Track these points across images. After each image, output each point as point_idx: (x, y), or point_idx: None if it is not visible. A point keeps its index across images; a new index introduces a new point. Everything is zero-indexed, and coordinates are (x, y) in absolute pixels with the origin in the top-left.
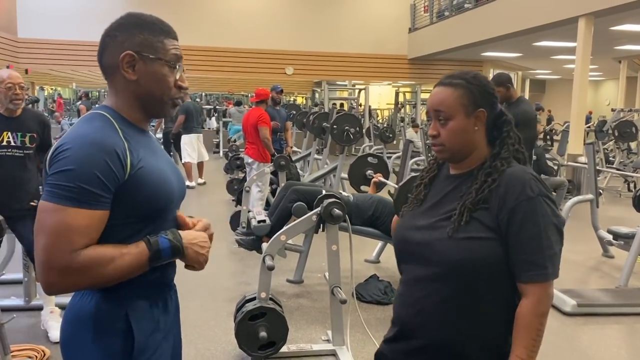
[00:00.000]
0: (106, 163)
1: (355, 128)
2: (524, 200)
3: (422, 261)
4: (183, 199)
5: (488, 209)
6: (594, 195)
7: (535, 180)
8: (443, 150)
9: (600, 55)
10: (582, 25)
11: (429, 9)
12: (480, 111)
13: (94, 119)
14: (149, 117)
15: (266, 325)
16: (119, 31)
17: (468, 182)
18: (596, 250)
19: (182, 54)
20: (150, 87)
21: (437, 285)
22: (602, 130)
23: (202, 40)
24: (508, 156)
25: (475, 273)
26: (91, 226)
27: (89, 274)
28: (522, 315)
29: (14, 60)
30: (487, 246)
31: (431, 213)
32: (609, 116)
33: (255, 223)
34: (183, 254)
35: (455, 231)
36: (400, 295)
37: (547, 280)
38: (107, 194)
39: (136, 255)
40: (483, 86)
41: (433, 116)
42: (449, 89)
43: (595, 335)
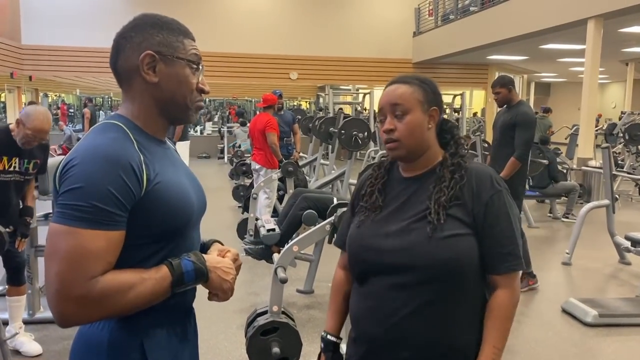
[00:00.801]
0: (121, 178)
1: (364, 133)
2: (494, 194)
3: (396, 269)
4: (204, 214)
5: (461, 205)
6: (610, 201)
7: (497, 174)
8: (399, 146)
9: (607, 58)
10: (592, 27)
11: (434, 12)
12: (434, 109)
13: (106, 129)
14: (171, 124)
15: (279, 340)
16: (134, 32)
17: (431, 181)
18: (612, 257)
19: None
20: (172, 90)
21: (416, 292)
22: (612, 133)
23: (205, 46)
24: (465, 154)
25: (459, 271)
26: (108, 249)
27: (108, 303)
28: (499, 306)
29: (18, 67)
30: (468, 242)
31: (398, 217)
32: (615, 119)
33: (264, 232)
34: (207, 278)
35: (435, 230)
36: (366, 310)
37: (520, 269)
38: (123, 212)
39: (158, 281)
40: (435, 88)
41: (389, 111)
42: (405, 86)
43: (620, 347)
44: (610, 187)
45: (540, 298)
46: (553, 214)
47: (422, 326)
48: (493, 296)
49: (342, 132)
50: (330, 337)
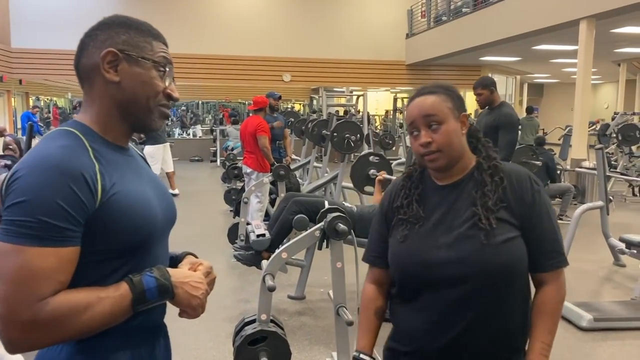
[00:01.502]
0: (71, 190)
1: (356, 135)
2: (535, 193)
3: (452, 281)
4: (173, 226)
5: (507, 207)
6: (604, 202)
7: (532, 173)
8: (439, 157)
9: (600, 58)
10: (584, 28)
11: (427, 14)
12: (463, 115)
13: (58, 136)
14: (132, 130)
15: (267, 350)
16: (100, 30)
17: (470, 187)
18: (606, 258)
19: (173, 62)
20: (134, 91)
21: (473, 302)
22: (605, 134)
23: (198, 48)
24: (497, 157)
25: (515, 275)
26: (60, 268)
27: (60, 327)
28: (546, 302)
29: (8, 71)
30: (520, 245)
31: (445, 228)
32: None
33: (254, 237)
34: (172, 294)
35: (488, 237)
36: (422, 325)
37: (565, 265)
38: (76, 227)
39: (117, 300)
40: (458, 93)
41: (422, 124)
42: (433, 96)
43: (616, 352)
44: (604, 188)
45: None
46: None
47: (481, 336)
48: (540, 293)
49: (334, 134)
50: (363, 355)
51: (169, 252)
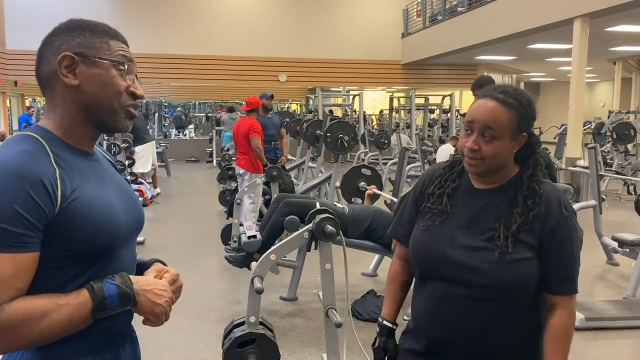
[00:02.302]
0: (28, 195)
1: (350, 136)
2: (562, 219)
3: (459, 281)
4: (139, 232)
5: (530, 230)
6: (597, 201)
7: (565, 198)
8: (480, 165)
9: (595, 57)
10: (578, 27)
11: (422, 13)
12: (523, 135)
13: (18, 141)
14: (98, 132)
15: (256, 352)
16: (55, 36)
17: (502, 199)
18: (600, 258)
19: (169, 62)
20: (95, 93)
21: (479, 306)
22: (600, 132)
23: (194, 49)
24: (542, 178)
25: (523, 293)
26: (16, 274)
27: (15, 334)
28: (559, 327)
29: (3, 73)
30: (532, 266)
31: (467, 231)
32: (604, 118)
33: (245, 239)
34: (135, 302)
35: (502, 255)
36: (425, 309)
37: (576, 292)
38: (33, 233)
39: (77, 307)
40: (533, 112)
41: (477, 129)
42: (504, 109)
43: (607, 351)
44: (597, 187)
45: None
46: None
47: (478, 339)
48: (552, 316)
49: (327, 135)
50: (386, 322)
51: (137, 258)
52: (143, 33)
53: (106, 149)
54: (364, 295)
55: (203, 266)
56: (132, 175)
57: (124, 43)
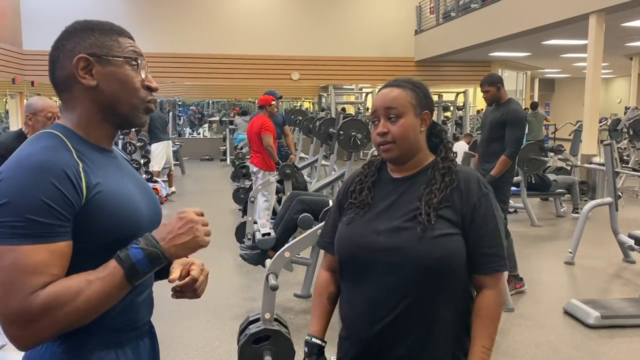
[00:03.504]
0: (54, 186)
1: (363, 133)
2: (482, 196)
3: (388, 268)
4: (159, 224)
5: (450, 207)
6: (612, 199)
7: (483, 178)
8: (392, 148)
9: (611, 53)
10: (593, 22)
11: (435, 10)
12: (425, 113)
13: (41, 138)
14: (116, 130)
15: (271, 348)
16: (65, 40)
17: (420, 182)
18: (616, 255)
19: (183, 62)
20: (114, 90)
21: (408, 291)
22: (617, 129)
23: (207, 48)
24: (454, 158)
25: (450, 269)
26: (51, 262)
27: (55, 316)
28: (486, 307)
29: (20, 73)
30: (457, 241)
31: (388, 216)
32: (620, 114)
33: (259, 236)
34: (166, 257)
35: (425, 230)
36: (360, 310)
37: (504, 270)
38: (64, 222)
39: (107, 278)
40: (427, 91)
41: (382, 115)
42: (399, 89)
43: (623, 349)
44: (612, 184)
45: (541, 299)
46: (557, 212)
47: (413, 325)
48: (479, 296)
49: (340, 132)
50: (315, 340)
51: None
52: (157, 32)
53: (122, 148)
54: None
55: (218, 263)
56: (147, 174)
57: (131, 38)
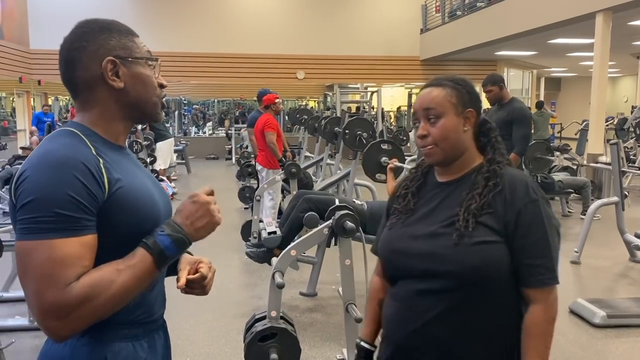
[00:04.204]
0: (78, 181)
1: (368, 132)
2: (529, 202)
3: (423, 273)
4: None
5: (493, 213)
6: (619, 198)
7: (534, 183)
8: (434, 151)
9: (618, 51)
10: (600, 21)
11: (441, 9)
12: (469, 111)
13: (60, 135)
14: (135, 124)
15: (277, 346)
16: (85, 41)
17: (464, 187)
18: (623, 255)
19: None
20: (139, 91)
21: (442, 297)
22: (623, 128)
23: (212, 47)
24: (503, 160)
25: (487, 279)
26: (83, 254)
27: (91, 305)
28: (534, 323)
29: (27, 72)
30: (497, 249)
31: (428, 221)
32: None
33: (265, 235)
34: (190, 242)
35: (462, 237)
36: (394, 312)
37: (554, 284)
38: (90, 216)
39: (137, 265)
40: (471, 88)
41: (422, 116)
42: (438, 89)
43: (629, 349)
44: (619, 183)
45: None
46: (563, 212)
47: (446, 333)
48: (527, 312)
49: (346, 131)
50: (363, 343)
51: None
52: (163, 31)
53: (128, 146)
54: None
55: (224, 262)
56: (153, 173)
57: (138, 36)
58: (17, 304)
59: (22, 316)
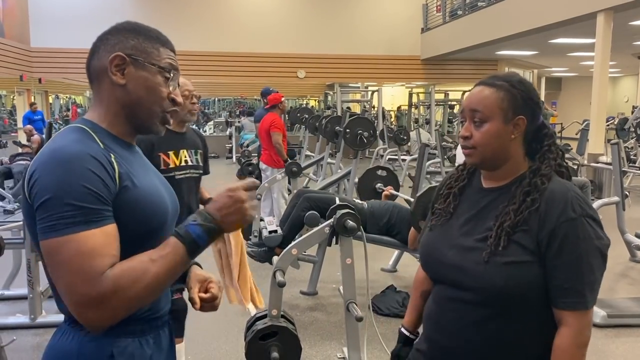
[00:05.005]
0: (91, 172)
1: (369, 132)
2: (564, 221)
3: (454, 283)
4: (177, 217)
5: (527, 231)
6: (620, 198)
7: (579, 198)
8: (473, 153)
9: (619, 51)
10: (601, 21)
11: (442, 8)
12: (520, 118)
13: (69, 132)
14: (135, 132)
15: (278, 345)
16: (111, 34)
17: (504, 198)
18: (623, 255)
19: (189, 59)
20: (138, 94)
21: (470, 309)
22: (624, 128)
23: (213, 45)
24: (549, 172)
25: (515, 298)
26: (109, 243)
27: (127, 295)
28: (562, 348)
29: (27, 70)
30: (528, 270)
31: (466, 230)
32: (627, 113)
33: (266, 234)
34: (221, 232)
35: (492, 255)
36: (431, 313)
37: (585, 309)
38: (108, 206)
39: (170, 256)
40: (528, 92)
41: (468, 116)
42: (490, 89)
43: (629, 348)
44: (620, 183)
45: None
46: None
47: (477, 340)
48: (558, 334)
49: (346, 131)
50: (403, 329)
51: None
52: (162, 30)
53: None
54: (383, 291)
55: None
56: None
57: (173, 51)
58: (18, 301)
59: (23, 314)
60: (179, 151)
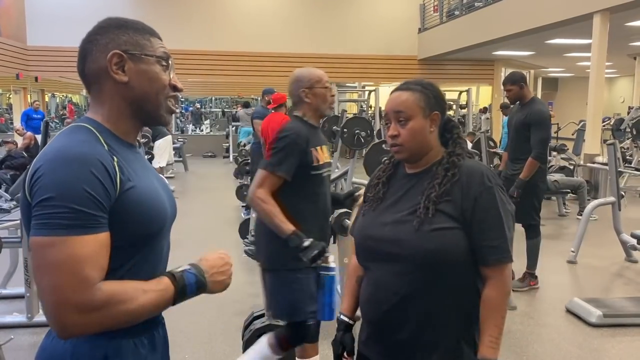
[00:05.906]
0: (94, 176)
1: (366, 131)
2: (484, 189)
3: (390, 257)
4: (174, 221)
5: (451, 201)
6: (615, 198)
7: (490, 171)
8: (402, 150)
9: (615, 52)
10: (598, 22)
11: (439, 8)
12: (435, 114)
13: (74, 131)
14: (143, 125)
15: None
16: (99, 34)
17: (427, 178)
18: (619, 255)
19: (186, 58)
20: (143, 88)
21: (407, 280)
22: (620, 128)
23: (210, 44)
24: (461, 152)
25: (445, 261)
26: (100, 253)
27: (110, 312)
28: (491, 297)
29: (24, 69)
30: (454, 235)
31: (394, 209)
32: (623, 114)
33: None
34: (207, 290)
35: (422, 224)
36: (368, 294)
37: (510, 261)
38: (104, 213)
39: (161, 293)
40: (437, 92)
41: (393, 118)
42: (407, 93)
43: (625, 348)
44: (615, 184)
45: (543, 298)
46: (560, 212)
47: (413, 312)
48: (485, 288)
49: (344, 130)
50: (343, 317)
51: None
52: (161, 29)
53: None
54: None
55: None
56: None
57: (160, 39)
58: (15, 300)
59: (20, 313)
60: (323, 147)
